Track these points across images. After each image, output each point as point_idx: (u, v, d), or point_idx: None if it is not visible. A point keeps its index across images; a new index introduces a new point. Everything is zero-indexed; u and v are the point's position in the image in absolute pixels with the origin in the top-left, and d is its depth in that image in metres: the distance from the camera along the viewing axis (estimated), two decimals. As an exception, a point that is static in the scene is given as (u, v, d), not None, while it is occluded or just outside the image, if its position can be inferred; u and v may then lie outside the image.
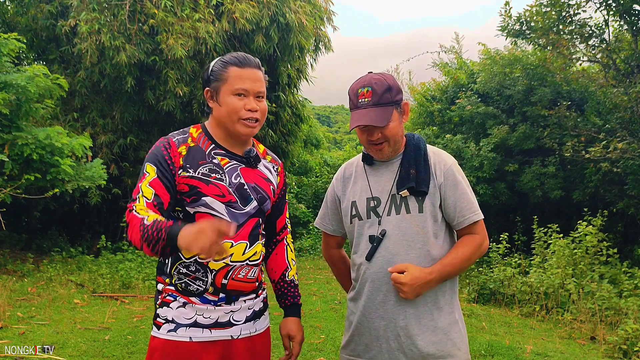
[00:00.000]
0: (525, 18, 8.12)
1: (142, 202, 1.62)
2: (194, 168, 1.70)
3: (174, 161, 1.69)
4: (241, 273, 1.74)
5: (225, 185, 1.72)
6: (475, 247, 1.84)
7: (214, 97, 1.75)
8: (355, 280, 1.93)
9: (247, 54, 1.77)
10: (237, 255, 1.72)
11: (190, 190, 1.68)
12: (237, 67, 1.72)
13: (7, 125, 6.37)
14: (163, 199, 1.66)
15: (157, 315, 1.74)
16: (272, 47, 8.90)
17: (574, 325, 5.60)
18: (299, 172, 17.80)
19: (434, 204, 1.82)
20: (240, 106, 1.70)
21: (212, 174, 1.71)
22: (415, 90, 11.63)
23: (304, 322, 5.40)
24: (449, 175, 1.85)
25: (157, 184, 1.66)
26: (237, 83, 1.71)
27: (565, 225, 7.81)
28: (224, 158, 1.76)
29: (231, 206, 1.72)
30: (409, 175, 1.83)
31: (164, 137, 1.76)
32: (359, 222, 1.88)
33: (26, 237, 9.63)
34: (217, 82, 1.74)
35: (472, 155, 8.96)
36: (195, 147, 1.74)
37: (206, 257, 1.45)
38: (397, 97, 1.82)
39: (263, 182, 1.82)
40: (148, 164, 1.70)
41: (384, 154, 1.86)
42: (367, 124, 1.77)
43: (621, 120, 7.72)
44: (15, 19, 9.21)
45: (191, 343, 1.69)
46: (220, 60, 1.76)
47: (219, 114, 1.74)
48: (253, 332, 1.81)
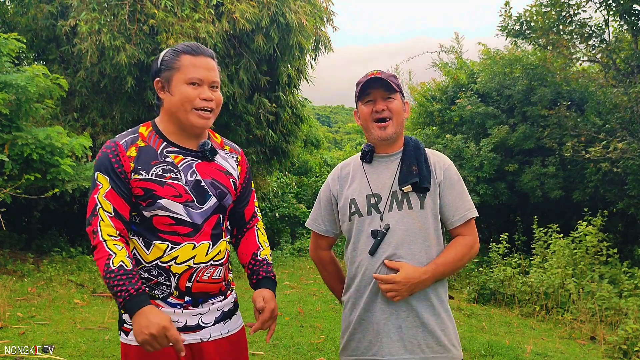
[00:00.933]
0: (525, 18, 8.12)
1: (107, 219, 1.58)
2: (146, 170, 1.62)
3: (124, 166, 1.61)
4: (205, 274, 1.67)
5: (182, 185, 1.64)
6: (468, 248, 1.87)
7: (165, 88, 1.67)
8: (353, 279, 1.92)
9: (201, 45, 1.70)
10: (200, 256, 1.65)
11: (145, 194, 1.61)
12: (190, 56, 1.65)
13: (7, 125, 6.37)
14: (122, 212, 1.61)
15: (123, 321, 1.68)
16: (272, 47, 8.89)
17: (574, 325, 5.60)
18: (299, 172, 17.80)
19: (434, 201, 1.87)
20: (194, 95, 1.63)
21: (167, 173, 1.63)
22: (415, 90, 11.62)
23: (304, 322, 5.42)
24: (448, 174, 1.90)
25: (113, 195, 1.60)
26: (191, 72, 1.63)
27: (565, 225, 7.81)
28: (177, 155, 1.67)
29: (189, 206, 1.64)
30: (411, 172, 1.86)
31: (111, 140, 1.67)
32: (359, 219, 1.89)
33: (26, 237, 9.62)
34: (168, 71, 1.66)
35: (472, 155, 8.96)
36: (146, 147, 1.65)
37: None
38: (401, 88, 1.95)
39: (222, 175, 1.74)
40: (99, 173, 1.62)
41: (387, 132, 1.88)
42: (379, 75, 1.86)
43: (621, 120, 7.72)
44: (15, 19, 9.20)
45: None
46: (172, 49, 1.69)
47: (170, 104, 1.66)
48: (225, 333, 1.75)
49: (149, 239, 1.65)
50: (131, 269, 1.56)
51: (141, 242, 1.66)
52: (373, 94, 1.88)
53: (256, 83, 9.54)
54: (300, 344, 4.59)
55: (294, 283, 8.19)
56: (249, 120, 9.88)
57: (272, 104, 10.21)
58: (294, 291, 7.40)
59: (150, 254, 1.64)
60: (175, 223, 1.63)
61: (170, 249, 1.63)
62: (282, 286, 7.85)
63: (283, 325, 5.26)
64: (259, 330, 1.72)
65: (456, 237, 1.90)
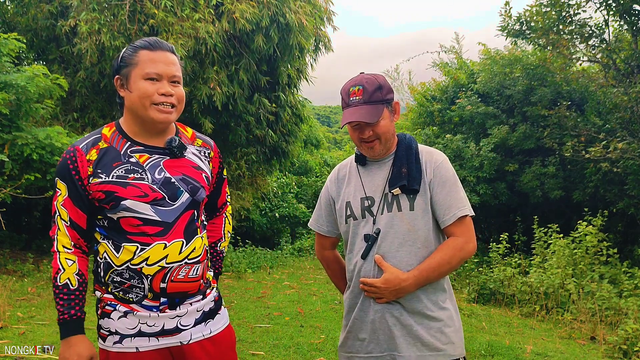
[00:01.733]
0: (525, 18, 8.12)
1: (63, 228, 1.63)
2: (106, 172, 1.59)
3: (80, 173, 1.59)
4: (180, 273, 1.62)
5: (147, 184, 1.59)
6: (456, 250, 1.82)
7: (125, 85, 1.62)
8: (350, 280, 1.95)
9: (160, 39, 1.66)
10: (172, 255, 1.60)
11: (107, 197, 1.58)
12: (148, 51, 1.60)
13: (7, 125, 6.37)
14: (78, 221, 1.62)
15: (99, 327, 1.66)
16: (272, 47, 8.89)
17: (574, 325, 5.60)
18: (299, 172, 17.81)
19: (425, 201, 1.85)
20: (152, 90, 1.58)
21: (130, 174, 1.59)
22: (415, 90, 11.62)
23: (304, 322, 5.42)
24: (439, 172, 1.87)
25: (69, 204, 1.61)
26: (149, 67, 1.58)
27: (565, 225, 7.81)
28: (142, 154, 1.63)
29: (158, 204, 1.60)
30: (400, 174, 1.85)
31: (72, 144, 1.64)
32: (354, 222, 1.91)
33: (26, 237, 9.62)
34: (127, 67, 1.61)
35: (472, 155, 8.96)
36: (108, 148, 1.62)
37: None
38: (387, 96, 1.86)
39: (193, 170, 1.69)
40: (58, 179, 1.62)
41: (375, 152, 1.88)
42: (358, 120, 1.80)
43: (621, 120, 7.72)
44: (15, 19, 9.21)
45: (139, 353, 1.61)
46: (131, 45, 1.65)
47: (130, 101, 1.61)
48: (207, 334, 1.70)
49: (118, 241, 1.61)
50: (75, 288, 1.60)
51: (111, 245, 1.62)
52: (356, 121, 1.83)
53: (256, 83, 9.54)
54: (300, 344, 4.59)
55: (294, 283, 8.19)
56: (249, 120, 9.88)
57: (272, 104, 10.21)
58: (294, 291, 7.40)
59: (120, 257, 1.60)
60: (143, 223, 1.59)
61: (140, 251, 1.59)
62: (282, 286, 7.85)
63: (283, 325, 5.26)
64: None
65: (449, 237, 1.88)
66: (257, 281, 8.27)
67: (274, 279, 8.59)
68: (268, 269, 9.77)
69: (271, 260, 10.84)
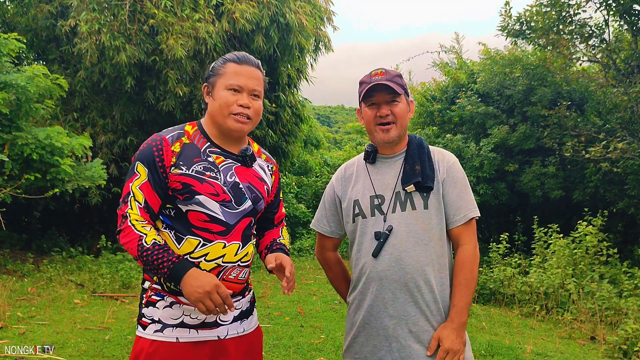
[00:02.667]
0: (525, 18, 8.11)
1: (135, 208, 1.63)
2: (187, 165, 1.67)
3: (164, 161, 1.66)
4: (232, 274, 1.72)
5: (220, 184, 1.69)
6: (471, 262, 1.83)
7: (210, 92, 1.75)
8: (357, 280, 1.91)
9: (249, 55, 1.77)
10: (229, 256, 1.69)
11: (183, 188, 1.65)
12: (235, 64, 1.72)
13: (7, 125, 6.37)
14: (153, 205, 1.66)
15: (142, 315, 1.70)
16: (272, 47, 8.90)
17: (574, 325, 5.60)
18: (299, 172, 17.80)
19: (438, 200, 1.84)
20: (232, 100, 1.69)
21: (207, 172, 1.68)
22: (415, 90, 11.61)
23: (304, 322, 5.42)
24: (452, 172, 1.87)
25: (147, 188, 1.64)
26: (232, 78, 1.70)
27: (565, 225, 7.81)
28: (219, 156, 1.73)
29: (225, 205, 1.69)
30: (414, 171, 1.84)
31: (157, 134, 1.72)
32: (363, 220, 1.88)
33: (26, 237, 9.62)
34: (214, 77, 1.74)
35: (472, 155, 8.96)
36: (190, 144, 1.71)
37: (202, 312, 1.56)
38: (406, 87, 1.91)
39: (257, 181, 1.79)
40: (139, 163, 1.67)
41: (390, 136, 1.86)
42: (383, 82, 1.82)
43: (621, 120, 7.72)
44: (15, 19, 9.21)
45: (178, 344, 1.65)
46: (222, 58, 1.78)
47: (212, 108, 1.73)
48: (241, 332, 1.78)
49: (181, 233, 1.68)
50: (165, 244, 1.61)
51: (173, 236, 1.68)
52: (377, 97, 1.85)
53: (256, 83, 9.53)
54: (300, 344, 4.59)
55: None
56: (249, 120, 9.87)
57: (272, 104, 10.22)
58: (294, 291, 7.39)
59: (182, 248, 1.66)
60: (210, 220, 1.67)
61: (201, 246, 1.67)
62: (282, 286, 7.84)
63: (283, 325, 5.26)
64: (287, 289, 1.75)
65: (453, 240, 1.87)
66: (257, 281, 8.27)
67: (274, 279, 8.59)
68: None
69: (271, 260, 10.83)
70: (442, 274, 1.84)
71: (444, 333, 1.77)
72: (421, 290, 1.80)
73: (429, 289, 1.81)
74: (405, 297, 1.80)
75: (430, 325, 1.80)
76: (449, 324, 1.79)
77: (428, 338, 1.79)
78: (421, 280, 1.80)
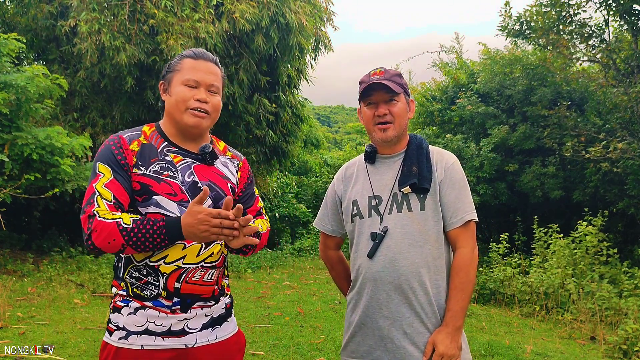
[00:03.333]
0: (525, 18, 8.11)
1: (104, 206, 1.55)
2: (146, 166, 1.63)
3: (127, 159, 1.62)
4: (196, 276, 1.65)
5: (178, 184, 1.64)
6: (467, 265, 1.81)
7: (167, 90, 1.72)
8: (355, 281, 1.92)
9: (207, 51, 1.75)
10: (190, 257, 1.63)
11: (141, 189, 1.61)
12: (191, 59, 1.70)
13: (7, 125, 6.37)
14: (122, 201, 1.59)
15: (109, 320, 1.68)
16: (272, 47, 8.90)
17: (574, 325, 5.60)
18: (299, 172, 17.80)
19: (435, 201, 1.83)
20: (189, 95, 1.66)
21: (164, 171, 1.64)
22: (415, 90, 11.61)
23: (304, 322, 5.42)
24: (449, 174, 1.86)
25: (115, 185, 1.58)
26: (189, 73, 1.67)
27: (565, 225, 7.81)
28: (177, 155, 1.69)
29: (184, 205, 1.63)
30: (411, 172, 1.84)
31: (114, 134, 1.68)
32: (360, 221, 1.88)
33: (26, 237, 9.62)
34: (171, 73, 1.71)
35: (472, 155, 8.96)
36: (147, 144, 1.67)
37: (224, 239, 1.52)
38: (406, 86, 1.90)
39: (219, 179, 1.74)
40: (100, 163, 1.61)
41: (388, 135, 1.86)
42: (381, 81, 1.82)
43: (621, 120, 7.72)
44: (15, 19, 9.21)
45: (143, 351, 1.60)
46: (179, 55, 1.75)
47: (169, 105, 1.70)
48: (213, 340, 1.70)
49: None
50: (143, 217, 1.55)
51: None
52: (375, 96, 1.85)
53: (256, 83, 9.54)
54: (300, 344, 4.59)
55: (294, 283, 8.19)
56: (249, 120, 9.88)
57: (272, 104, 10.22)
58: (294, 291, 7.40)
59: (140, 253, 1.61)
60: None
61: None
62: (282, 286, 7.85)
63: (283, 325, 5.26)
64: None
65: (451, 242, 1.86)
66: (257, 281, 8.27)
67: (274, 279, 8.59)
68: (268, 269, 9.77)
69: (271, 260, 10.84)
70: (437, 276, 1.83)
71: (439, 337, 1.76)
72: (415, 292, 1.79)
73: (423, 291, 1.80)
74: (400, 299, 1.80)
75: (425, 328, 1.80)
76: (443, 328, 1.78)
77: (422, 341, 1.79)
78: (415, 282, 1.79)
